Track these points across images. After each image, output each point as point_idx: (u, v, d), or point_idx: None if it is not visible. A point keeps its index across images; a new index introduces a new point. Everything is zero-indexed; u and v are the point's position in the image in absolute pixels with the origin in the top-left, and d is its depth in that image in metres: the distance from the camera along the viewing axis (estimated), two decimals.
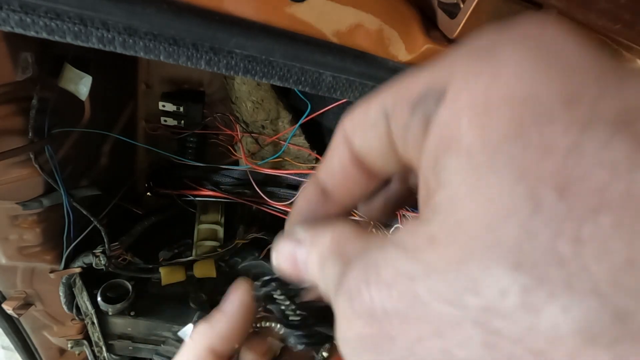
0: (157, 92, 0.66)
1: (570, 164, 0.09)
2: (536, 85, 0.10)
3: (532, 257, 0.09)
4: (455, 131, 0.11)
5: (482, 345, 0.10)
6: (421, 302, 0.11)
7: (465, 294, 0.10)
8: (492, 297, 0.10)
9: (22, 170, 0.48)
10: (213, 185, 0.71)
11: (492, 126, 0.11)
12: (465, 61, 0.12)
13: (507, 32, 0.12)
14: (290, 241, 0.17)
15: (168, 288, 0.66)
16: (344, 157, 0.16)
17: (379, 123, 0.14)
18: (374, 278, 0.12)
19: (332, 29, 0.29)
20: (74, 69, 0.46)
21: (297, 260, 0.16)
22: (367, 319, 0.12)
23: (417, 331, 0.11)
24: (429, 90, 0.12)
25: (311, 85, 0.32)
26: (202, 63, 0.28)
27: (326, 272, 0.15)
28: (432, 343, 0.11)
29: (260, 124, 0.67)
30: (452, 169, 0.11)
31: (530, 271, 0.09)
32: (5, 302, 0.61)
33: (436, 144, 0.12)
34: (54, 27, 0.25)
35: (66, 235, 0.57)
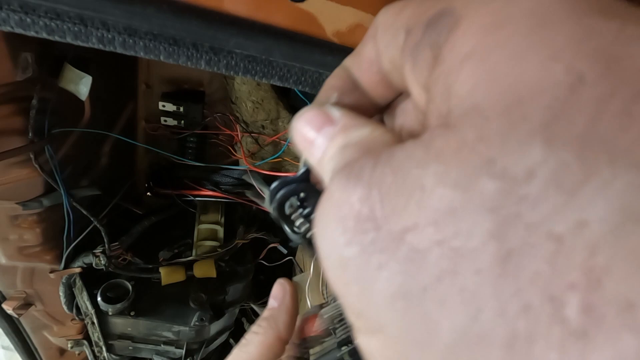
0: (157, 92, 0.66)
1: (618, 45, 0.08)
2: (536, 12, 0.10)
3: (569, 133, 0.08)
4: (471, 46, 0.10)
5: (488, 234, 0.09)
6: (423, 189, 0.10)
7: (479, 177, 0.09)
8: (514, 177, 0.08)
9: (22, 170, 0.48)
10: (213, 185, 0.71)
11: (512, 27, 0.10)
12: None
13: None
14: (323, 112, 0.15)
15: (168, 288, 0.66)
16: (371, 53, 0.15)
17: (399, 35, 0.13)
18: (382, 161, 0.11)
19: (332, 29, 0.29)
20: (74, 69, 0.46)
21: (320, 133, 0.14)
22: (359, 196, 0.11)
23: (412, 221, 0.10)
24: (443, 12, 0.11)
25: (311, 85, 0.32)
26: (202, 63, 0.28)
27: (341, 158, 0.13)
28: (425, 232, 0.09)
29: (260, 124, 0.67)
30: (470, 69, 0.10)
31: (567, 147, 0.08)
32: (5, 302, 0.61)
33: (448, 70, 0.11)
34: (54, 27, 0.25)
35: (66, 235, 0.57)
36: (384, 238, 0.10)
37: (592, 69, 0.08)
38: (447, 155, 0.10)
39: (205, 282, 0.68)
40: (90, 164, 0.62)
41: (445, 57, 0.11)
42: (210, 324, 0.66)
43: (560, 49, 0.09)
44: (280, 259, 0.82)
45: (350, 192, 0.11)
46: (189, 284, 0.67)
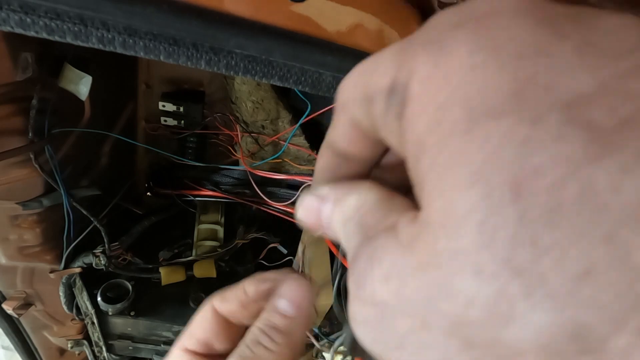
0: (157, 92, 0.66)
1: (523, 161, 0.09)
2: (486, 78, 0.10)
3: (491, 265, 0.09)
4: (420, 136, 0.11)
5: (459, 349, 0.10)
6: (408, 298, 0.11)
7: (439, 299, 0.10)
8: (460, 305, 0.10)
9: (22, 170, 0.48)
10: (213, 185, 0.71)
11: (449, 125, 0.10)
12: (422, 56, 0.11)
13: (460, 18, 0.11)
14: (315, 196, 0.16)
15: (168, 288, 0.66)
16: (346, 122, 0.16)
17: (365, 105, 0.14)
18: (376, 268, 0.12)
19: (332, 29, 0.29)
20: (74, 69, 0.46)
21: (321, 215, 0.16)
22: (370, 305, 0.12)
23: (407, 324, 0.11)
24: (395, 87, 0.12)
25: (311, 85, 0.32)
26: (202, 63, 0.28)
27: (348, 235, 0.15)
28: (417, 337, 0.11)
29: (260, 124, 0.67)
30: (424, 170, 0.11)
31: (491, 281, 0.09)
32: (5, 302, 0.61)
33: (412, 145, 0.12)
34: (54, 27, 0.25)
35: (66, 235, 0.57)
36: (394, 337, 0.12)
37: (503, 199, 0.09)
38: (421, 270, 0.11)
39: (205, 282, 0.68)
40: (90, 164, 0.62)
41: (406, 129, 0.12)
42: None
43: (478, 171, 0.09)
44: (280, 259, 0.82)
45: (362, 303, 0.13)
46: (189, 284, 0.67)
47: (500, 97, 0.09)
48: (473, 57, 0.10)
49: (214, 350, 0.23)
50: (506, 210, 0.09)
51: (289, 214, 0.70)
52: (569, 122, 0.09)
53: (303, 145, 0.67)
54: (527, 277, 0.09)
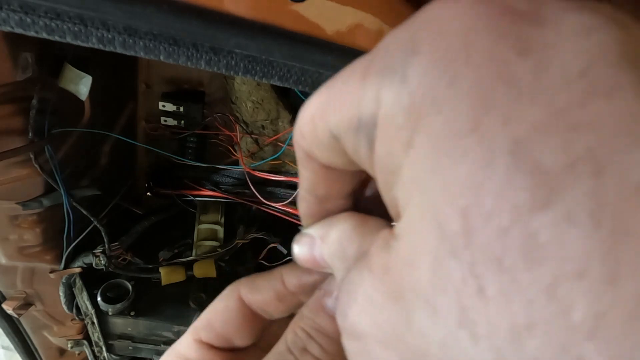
0: (157, 92, 0.66)
1: (476, 207, 0.09)
2: (447, 114, 0.09)
3: (443, 308, 0.09)
4: (390, 165, 0.11)
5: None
6: (382, 329, 0.11)
7: (405, 331, 0.10)
8: (421, 340, 0.10)
9: (22, 170, 0.48)
10: (213, 185, 0.71)
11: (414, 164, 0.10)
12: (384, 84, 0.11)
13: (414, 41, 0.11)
14: (304, 241, 0.17)
15: (168, 288, 0.66)
16: (315, 169, 0.15)
17: (332, 144, 0.13)
18: (353, 301, 0.13)
19: (332, 29, 0.29)
20: (74, 69, 0.46)
21: (315, 257, 0.17)
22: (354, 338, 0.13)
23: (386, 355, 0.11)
24: (362, 119, 0.12)
25: (311, 85, 0.32)
26: (202, 63, 0.28)
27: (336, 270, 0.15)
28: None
29: (260, 124, 0.67)
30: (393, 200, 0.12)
31: (443, 322, 0.09)
32: (5, 302, 0.61)
33: (383, 174, 0.12)
34: (54, 27, 0.25)
35: (66, 235, 0.57)
36: None
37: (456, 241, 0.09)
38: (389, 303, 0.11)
39: (205, 282, 0.68)
40: (90, 164, 0.62)
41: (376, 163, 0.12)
42: None
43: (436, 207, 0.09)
44: (280, 259, 0.82)
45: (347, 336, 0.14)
46: (189, 284, 0.67)
47: (462, 135, 0.09)
48: (432, 89, 0.10)
49: (231, 345, 0.20)
50: (458, 255, 0.09)
51: (289, 214, 0.70)
52: (517, 166, 0.08)
53: None
54: (476, 324, 0.09)
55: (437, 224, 0.09)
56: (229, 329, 0.20)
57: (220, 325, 0.20)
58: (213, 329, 0.20)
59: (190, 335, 0.20)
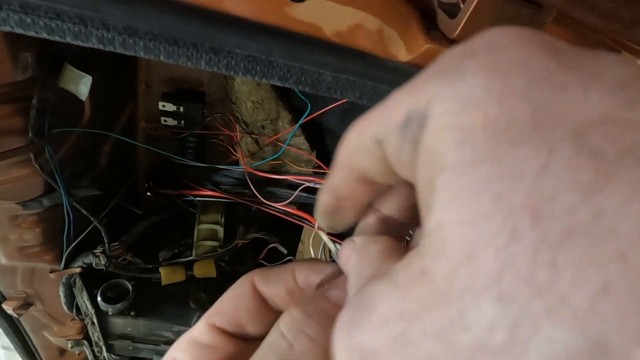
0: (157, 92, 0.66)
1: (541, 188, 0.09)
2: (505, 106, 0.10)
3: (513, 287, 0.09)
4: (439, 158, 0.11)
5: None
6: (411, 341, 0.11)
7: (454, 331, 0.10)
8: (481, 333, 0.09)
9: (22, 170, 0.48)
10: (213, 185, 0.71)
11: (468, 151, 0.11)
12: (439, 84, 0.12)
13: (472, 49, 0.12)
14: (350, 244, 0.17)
15: (168, 288, 0.66)
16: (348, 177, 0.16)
17: (374, 149, 0.14)
18: (366, 318, 0.12)
19: (332, 29, 0.29)
20: (74, 69, 0.46)
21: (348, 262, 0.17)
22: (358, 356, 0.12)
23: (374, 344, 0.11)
24: (411, 115, 0.12)
25: (311, 85, 0.32)
26: (202, 63, 0.28)
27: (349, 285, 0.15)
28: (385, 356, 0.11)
29: (260, 124, 0.67)
30: (439, 194, 0.11)
31: (513, 303, 0.09)
32: (5, 302, 0.61)
33: (427, 169, 0.12)
34: (54, 27, 0.25)
35: (66, 235, 0.57)
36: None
37: (522, 224, 0.09)
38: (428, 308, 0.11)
39: (205, 282, 0.68)
40: (90, 164, 0.62)
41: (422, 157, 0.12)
42: None
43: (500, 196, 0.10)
44: (280, 259, 0.82)
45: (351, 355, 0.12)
46: (189, 284, 0.67)
47: (521, 125, 0.10)
48: (490, 84, 0.11)
49: (244, 332, 0.20)
50: (526, 235, 0.09)
51: (289, 214, 0.70)
52: (579, 152, 0.09)
53: (303, 145, 0.67)
54: (549, 296, 0.09)
55: (498, 208, 0.10)
56: (241, 315, 0.20)
57: (232, 311, 0.20)
58: (226, 314, 0.20)
59: (204, 320, 0.20)
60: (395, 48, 0.31)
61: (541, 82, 0.10)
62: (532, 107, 0.10)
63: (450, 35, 0.29)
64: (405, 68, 0.32)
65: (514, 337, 0.09)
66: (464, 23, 0.28)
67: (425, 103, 0.12)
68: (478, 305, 0.10)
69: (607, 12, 0.25)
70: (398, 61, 0.32)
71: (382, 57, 0.31)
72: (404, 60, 0.32)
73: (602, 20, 0.25)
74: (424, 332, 0.10)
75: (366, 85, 0.32)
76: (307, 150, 0.67)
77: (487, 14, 0.28)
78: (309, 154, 0.67)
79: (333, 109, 0.58)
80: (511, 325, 0.09)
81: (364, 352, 0.12)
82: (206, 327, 0.20)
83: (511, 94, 0.10)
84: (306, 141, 0.66)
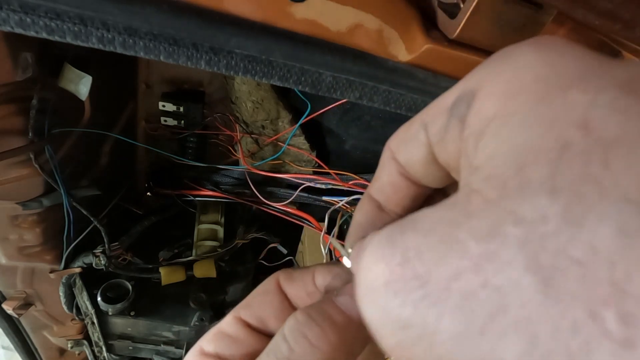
0: (157, 92, 0.66)
1: (591, 113, 0.11)
2: (554, 68, 0.12)
3: (567, 182, 0.10)
4: (489, 111, 0.12)
5: (523, 268, 0.10)
6: (459, 242, 0.11)
7: (504, 227, 0.11)
8: (532, 222, 0.10)
9: (22, 170, 0.48)
10: (213, 185, 0.71)
11: (521, 98, 0.12)
12: (489, 67, 0.14)
13: (516, 45, 0.14)
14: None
15: (168, 288, 0.66)
16: (392, 172, 0.17)
17: (419, 135, 0.15)
18: (409, 227, 0.13)
19: (332, 29, 0.29)
20: (74, 69, 0.46)
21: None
22: (396, 263, 0.12)
23: (454, 270, 0.11)
24: (461, 95, 0.14)
25: (311, 85, 0.32)
26: (202, 63, 0.28)
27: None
28: (469, 277, 0.11)
29: (260, 124, 0.67)
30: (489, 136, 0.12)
31: (567, 193, 0.10)
32: (5, 302, 0.61)
33: (473, 130, 0.13)
34: (54, 27, 0.25)
35: (66, 235, 0.57)
36: (433, 291, 0.11)
37: (575, 135, 0.11)
38: (476, 213, 0.11)
39: (205, 282, 0.68)
40: (90, 164, 0.62)
41: (470, 122, 0.13)
42: (210, 324, 0.66)
43: (553, 121, 0.11)
44: (280, 259, 0.82)
45: (389, 259, 0.13)
46: (189, 284, 0.67)
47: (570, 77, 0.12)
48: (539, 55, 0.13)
49: (267, 329, 0.20)
50: (579, 143, 0.10)
51: (289, 214, 0.70)
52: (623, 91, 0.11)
53: (303, 145, 0.67)
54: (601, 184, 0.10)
55: (550, 127, 0.11)
56: (265, 311, 0.21)
57: (257, 306, 0.21)
58: (251, 308, 0.21)
59: (232, 312, 0.21)
60: (395, 48, 0.31)
61: (584, 59, 0.12)
62: (578, 69, 0.12)
63: (450, 35, 0.29)
64: (405, 68, 0.32)
65: (566, 219, 0.10)
66: (464, 23, 0.28)
67: (475, 83, 0.13)
68: (531, 202, 0.10)
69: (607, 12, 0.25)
70: (398, 61, 0.32)
71: (382, 57, 0.31)
72: (403, 60, 0.32)
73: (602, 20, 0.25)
74: (471, 233, 0.11)
75: (366, 85, 0.32)
76: (307, 150, 0.67)
77: (487, 14, 0.28)
78: (309, 153, 0.67)
79: (333, 109, 0.58)
80: (564, 209, 0.10)
81: (407, 256, 0.12)
82: (233, 319, 0.21)
83: (560, 63, 0.12)
84: (306, 141, 0.66)
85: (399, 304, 0.12)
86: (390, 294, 0.12)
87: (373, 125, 0.60)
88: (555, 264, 0.10)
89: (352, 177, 0.64)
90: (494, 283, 0.10)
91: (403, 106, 0.34)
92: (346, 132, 0.64)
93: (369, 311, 0.13)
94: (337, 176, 0.65)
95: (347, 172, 0.64)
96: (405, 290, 0.12)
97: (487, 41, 0.29)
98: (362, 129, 0.61)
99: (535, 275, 0.10)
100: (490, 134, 0.12)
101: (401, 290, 0.12)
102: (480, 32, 0.29)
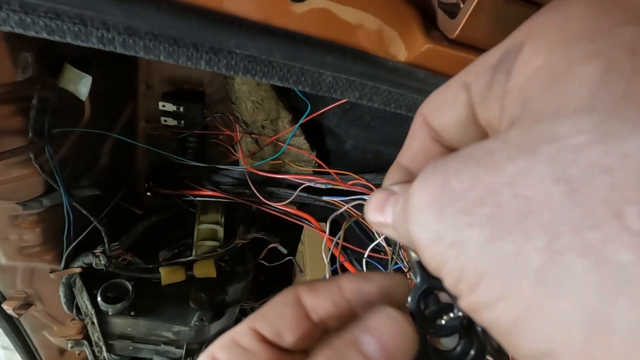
0: (157, 92, 0.66)
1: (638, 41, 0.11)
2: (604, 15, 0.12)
3: (605, 101, 0.11)
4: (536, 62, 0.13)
5: (553, 178, 0.11)
6: (495, 163, 0.12)
7: (540, 144, 0.12)
8: (566, 137, 0.11)
9: (22, 170, 0.48)
10: (213, 185, 0.71)
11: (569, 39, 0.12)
12: (539, 18, 0.14)
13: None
14: (384, 191, 0.18)
15: (168, 288, 0.66)
16: (425, 138, 0.17)
17: (459, 95, 0.15)
18: (451, 157, 0.14)
19: (332, 29, 0.29)
20: (74, 69, 0.46)
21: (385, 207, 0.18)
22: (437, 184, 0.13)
23: (489, 186, 0.12)
24: (508, 50, 0.14)
25: (311, 85, 0.32)
26: (202, 63, 0.28)
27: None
28: (503, 191, 0.12)
29: (260, 124, 0.67)
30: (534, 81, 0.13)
31: (604, 110, 0.11)
32: (5, 302, 0.61)
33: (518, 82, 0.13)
34: (54, 27, 0.25)
35: (66, 235, 0.57)
36: (468, 204, 0.13)
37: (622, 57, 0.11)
38: (513, 139, 0.12)
39: (205, 282, 0.68)
40: (90, 164, 0.62)
41: (515, 73, 0.14)
42: (210, 324, 0.66)
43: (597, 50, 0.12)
44: (280, 259, 0.82)
45: (432, 181, 0.14)
46: (189, 284, 0.67)
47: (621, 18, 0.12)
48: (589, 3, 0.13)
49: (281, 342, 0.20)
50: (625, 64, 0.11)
51: (289, 214, 0.70)
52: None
53: (303, 144, 0.67)
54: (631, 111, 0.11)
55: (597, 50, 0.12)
56: (281, 323, 0.20)
57: (273, 317, 0.20)
58: (267, 320, 0.20)
59: (246, 321, 0.20)
60: (395, 48, 0.31)
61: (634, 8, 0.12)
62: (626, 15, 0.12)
63: (450, 35, 0.29)
64: (405, 68, 0.32)
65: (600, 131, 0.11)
66: (464, 23, 0.28)
67: (521, 37, 0.14)
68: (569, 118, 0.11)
69: None
70: (398, 61, 0.32)
71: (382, 57, 0.31)
72: (403, 60, 0.32)
73: None
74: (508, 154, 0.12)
75: (366, 85, 0.32)
76: (307, 149, 0.67)
77: (487, 14, 0.28)
78: (309, 153, 0.67)
79: (333, 109, 0.58)
80: (599, 123, 0.11)
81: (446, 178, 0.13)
82: (247, 330, 0.20)
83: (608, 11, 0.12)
84: (306, 141, 0.66)
85: (437, 219, 0.13)
86: (431, 211, 0.13)
87: (373, 125, 0.60)
88: (584, 172, 0.11)
89: (352, 177, 0.63)
90: (524, 194, 0.11)
91: (403, 106, 0.34)
92: (346, 132, 0.64)
93: (416, 231, 0.14)
94: (337, 176, 0.65)
95: (347, 172, 0.64)
96: (444, 206, 0.13)
97: (487, 41, 0.29)
98: (362, 129, 0.61)
99: (564, 185, 0.11)
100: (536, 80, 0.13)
101: (439, 206, 0.13)
102: (480, 32, 0.29)
